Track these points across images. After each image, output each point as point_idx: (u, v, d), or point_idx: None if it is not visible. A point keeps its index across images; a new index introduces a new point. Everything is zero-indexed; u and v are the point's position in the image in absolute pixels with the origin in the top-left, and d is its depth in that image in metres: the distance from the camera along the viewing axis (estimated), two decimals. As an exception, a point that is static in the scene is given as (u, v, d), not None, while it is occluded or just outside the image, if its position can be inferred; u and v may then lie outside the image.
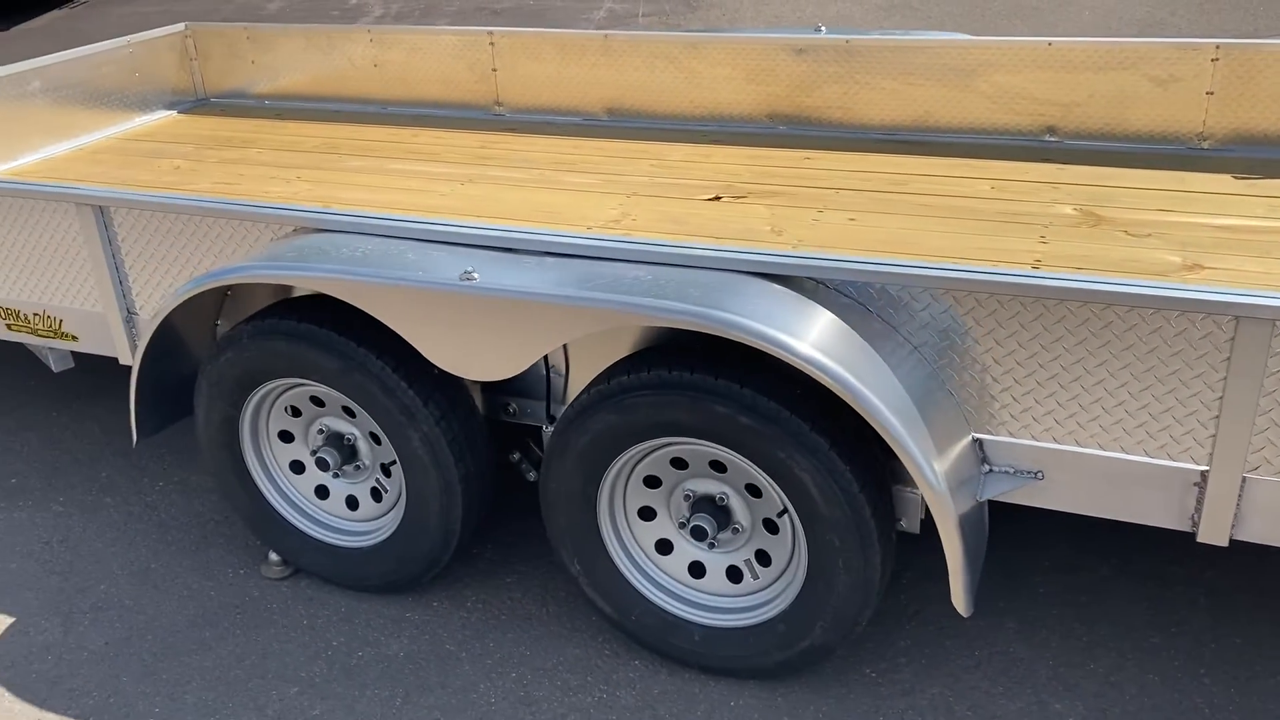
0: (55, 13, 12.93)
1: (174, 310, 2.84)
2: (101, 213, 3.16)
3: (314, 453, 2.91)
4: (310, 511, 2.98)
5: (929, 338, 2.32)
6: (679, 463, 2.49)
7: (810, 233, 3.56)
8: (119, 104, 5.33)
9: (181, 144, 5.11)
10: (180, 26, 5.66)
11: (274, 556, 3.07)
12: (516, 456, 2.88)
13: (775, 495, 2.41)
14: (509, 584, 2.99)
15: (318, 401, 2.85)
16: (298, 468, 2.98)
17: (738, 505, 2.49)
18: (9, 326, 3.54)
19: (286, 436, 2.95)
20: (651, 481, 2.54)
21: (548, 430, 2.80)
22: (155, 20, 12.75)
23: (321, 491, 2.97)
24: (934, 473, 2.16)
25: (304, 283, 2.58)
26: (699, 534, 2.46)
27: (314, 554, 2.97)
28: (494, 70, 5.11)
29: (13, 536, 3.32)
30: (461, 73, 5.19)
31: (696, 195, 4.02)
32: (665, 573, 2.61)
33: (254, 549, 3.19)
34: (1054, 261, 3.22)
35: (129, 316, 3.28)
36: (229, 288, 3.03)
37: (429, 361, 2.66)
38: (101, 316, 3.31)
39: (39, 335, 3.47)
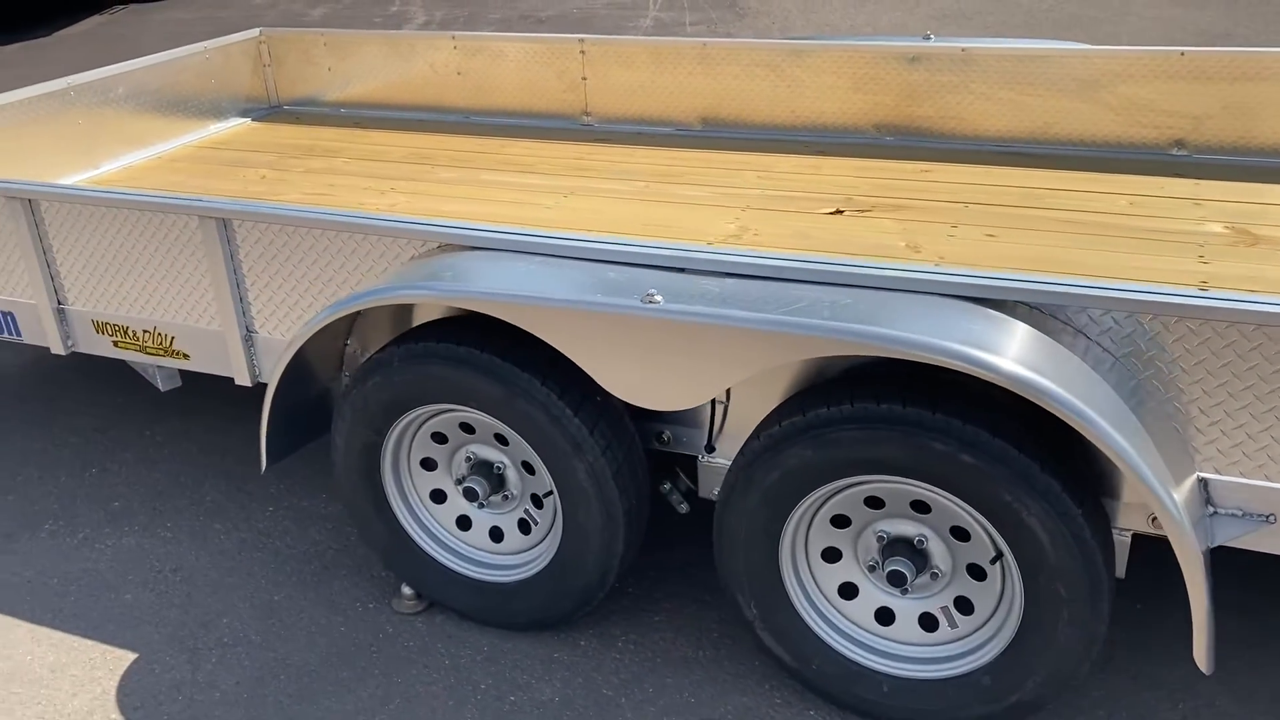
0: (96, 18, 12.80)
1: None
2: (225, 226, 2.98)
3: (459, 481, 2.72)
4: (451, 544, 2.79)
5: (1151, 370, 2.13)
6: (874, 502, 2.30)
7: (950, 249, 3.38)
8: (194, 111, 5.16)
9: (262, 152, 4.94)
10: (255, 32, 5.49)
11: (406, 590, 2.88)
12: (667, 487, 2.70)
13: (988, 539, 2.22)
14: (658, 623, 2.80)
15: (467, 428, 2.66)
16: (439, 497, 2.79)
17: (938, 549, 2.29)
18: (115, 344, 3.36)
19: (429, 464, 2.76)
20: (840, 521, 2.35)
21: (705, 460, 2.62)
22: (195, 26, 12.62)
23: (463, 522, 2.78)
24: (1181, 513, 1.97)
25: (471, 304, 2.39)
26: (896, 579, 2.26)
27: (454, 589, 2.78)
28: (584, 79, 4.93)
29: (124, 565, 3.14)
30: (550, 81, 5.01)
31: (815, 209, 3.83)
32: (850, 619, 2.42)
33: (381, 581, 3.01)
34: (1222, 282, 3.03)
35: (248, 335, 3.10)
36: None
37: (593, 388, 2.48)
38: (219, 335, 3.13)
39: (147, 353, 3.30)
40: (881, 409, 2.11)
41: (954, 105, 4.27)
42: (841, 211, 3.74)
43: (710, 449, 2.59)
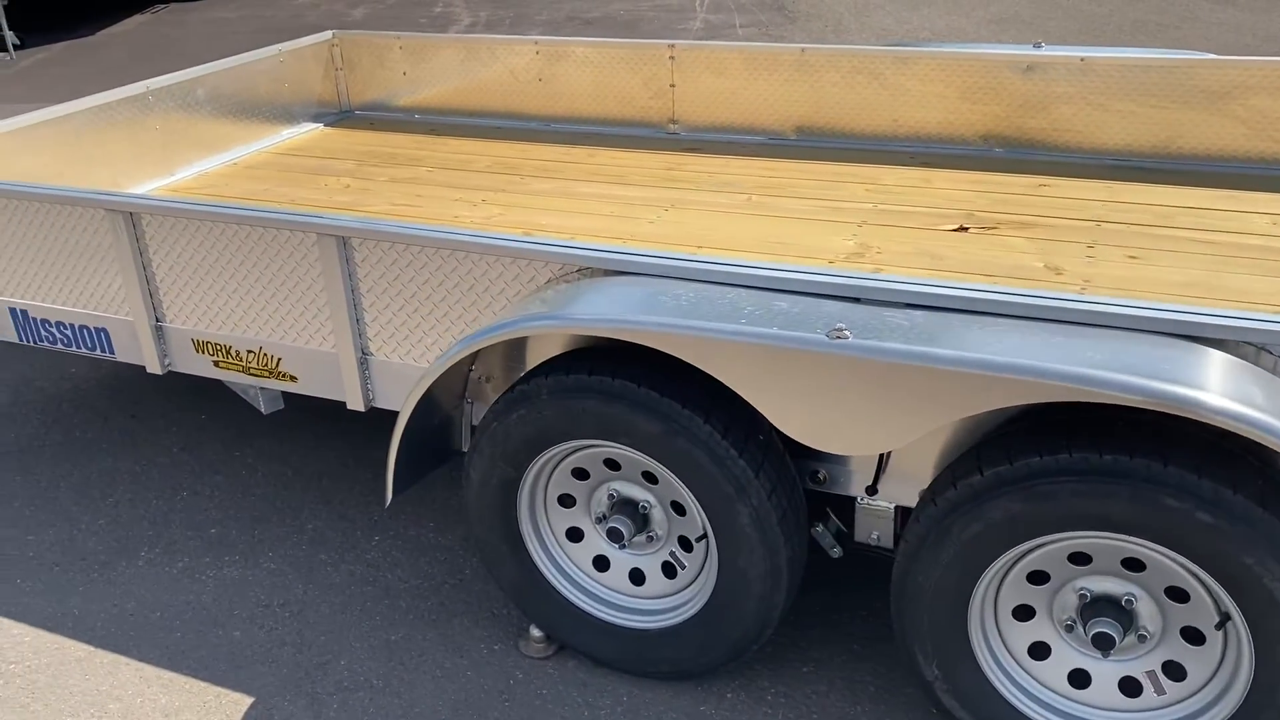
0: (138, 17, 12.67)
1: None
2: (344, 244, 2.80)
3: (599, 520, 2.53)
4: (587, 585, 2.60)
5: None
6: (1080, 558, 2.09)
7: (1095, 272, 3.17)
8: (267, 116, 4.98)
9: (340, 159, 4.75)
10: (327, 35, 5.30)
11: (535, 632, 2.69)
12: (819, 529, 2.50)
13: (1211, 602, 2.01)
14: (806, 674, 2.60)
15: (612, 464, 2.47)
16: (575, 535, 2.60)
17: (1147, 610, 2.09)
18: (216, 364, 3.18)
19: (567, 500, 2.57)
20: (1038, 577, 2.15)
21: (865, 503, 2.42)
22: (238, 25, 12.46)
23: (601, 563, 2.59)
24: None
25: (633, 335, 2.19)
26: (1103, 642, 2.06)
27: (591, 633, 2.59)
28: (672, 85, 4.73)
29: (229, 597, 2.96)
30: (636, 88, 4.82)
31: (936, 225, 3.62)
32: (1041, 682, 2.22)
33: (502, 620, 2.82)
34: None
35: (363, 358, 2.92)
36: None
37: (757, 426, 2.29)
38: (331, 357, 2.94)
39: (251, 374, 3.11)
40: (1105, 460, 1.90)
41: (1070, 117, 4.05)
42: (965, 229, 3.53)
43: (872, 491, 2.39)
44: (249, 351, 3.08)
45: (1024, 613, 2.20)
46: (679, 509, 2.45)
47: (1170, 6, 9.77)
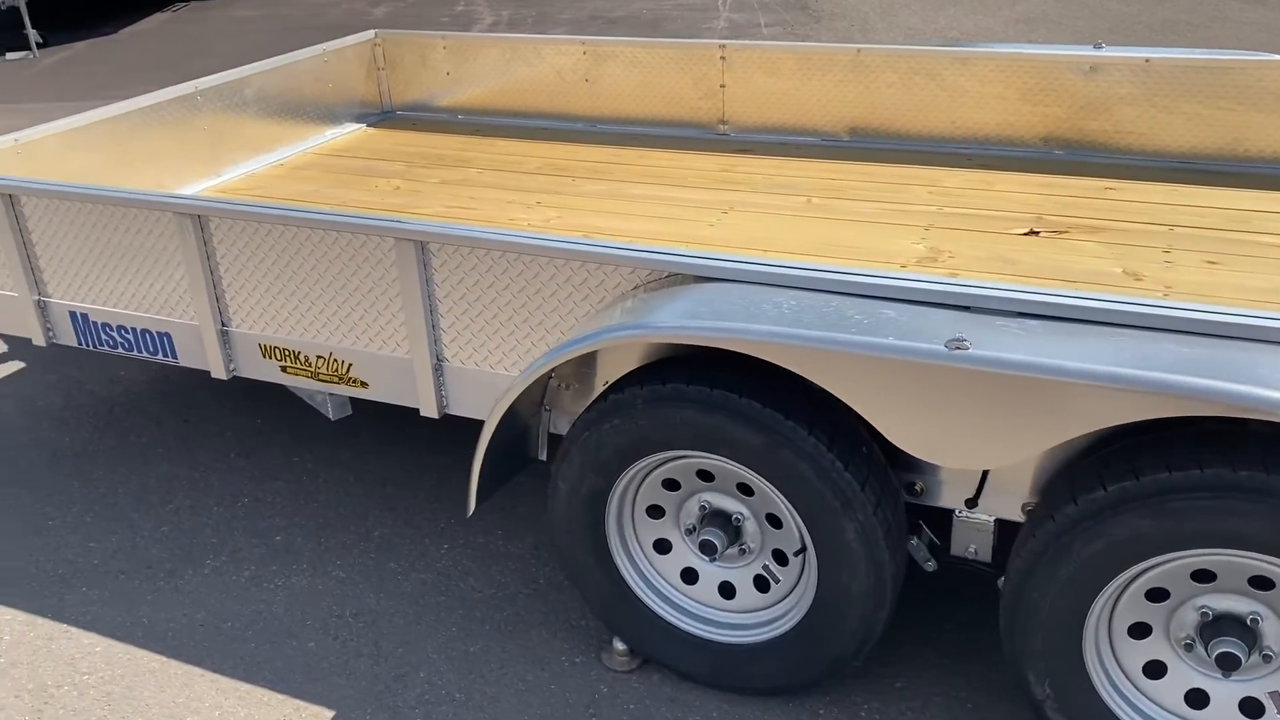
0: (159, 15, 12.61)
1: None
2: (422, 249, 2.74)
3: (689, 531, 2.47)
4: (675, 598, 2.54)
5: None
6: (1204, 575, 2.03)
7: (1174, 278, 3.10)
8: (311, 116, 4.92)
9: (388, 160, 4.69)
10: (369, 34, 5.24)
11: (619, 645, 2.63)
12: (914, 542, 2.43)
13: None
14: (901, 690, 2.53)
15: (704, 475, 2.41)
16: (663, 547, 2.54)
17: (1274, 629, 2.03)
18: (284, 369, 3.12)
19: (655, 511, 2.51)
20: (1157, 595, 2.09)
21: (963, 516, 2.36)
22: (258, 24, 12.40)
23: (689, 575, 2.53)
24: None
25: (744, 346, 2.13)
26: (1227, 662, 2.00)
27: (678, 647, 2.52)
28: (722, 86, 4.66)
29: (301, 608, 2.90)
30: (685, 88, 4.75)
31: (1006, 229, 3.55)
32: (1157, 703, 2.15)
33: (581, 631, 2.76)
34: None
35: (438, 365, 2.86)
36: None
37: (861, 438, 2.23)
38: (405, 363, 2.88)
39: (320, 380, 3.05)
40: (1240, 476, 1.84)
41: (1133, 119, 3.98)
42: (1036, 233, 3.46)
43: (972, 504, 2.33)
44: (319, 357, 3.02)
45: (1140, 630, 2.13)
46: (774, 521, 2.39)
47: (1199, 6, 9.69)
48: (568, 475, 2.44)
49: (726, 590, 2.50)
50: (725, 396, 2.21)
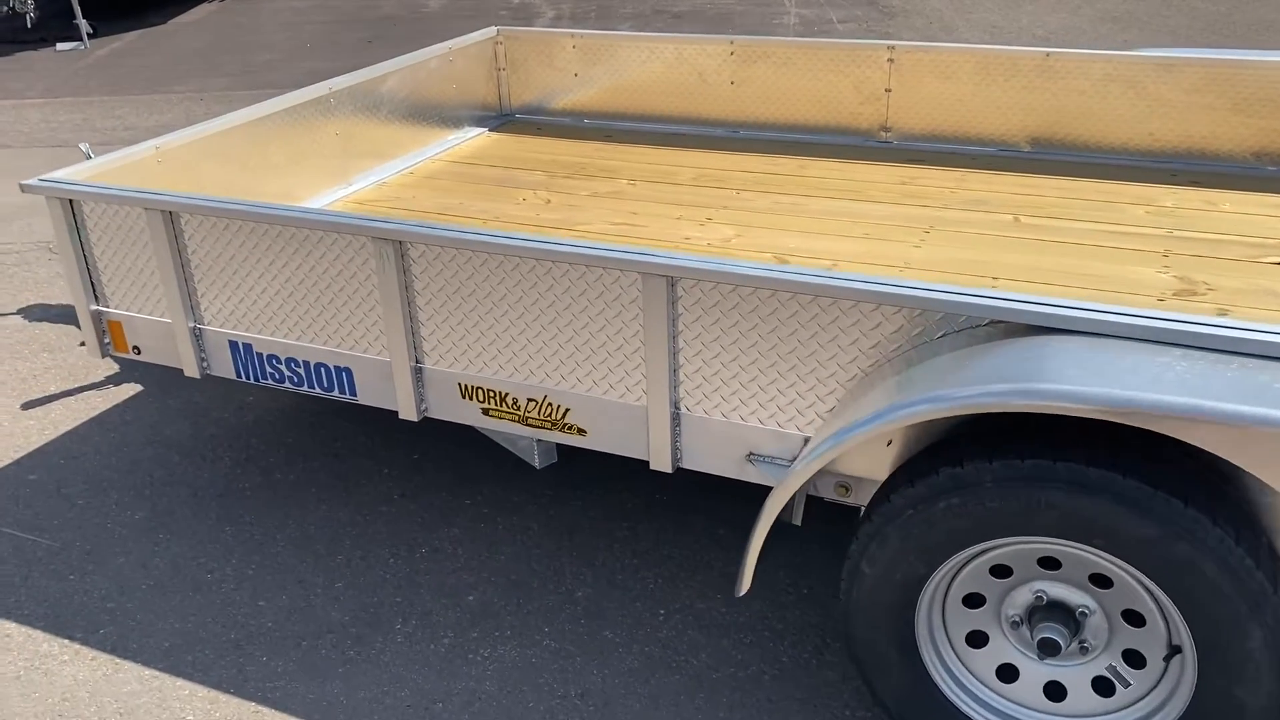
0: (207, 5, 12.21)
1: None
2: (672, 286, 2.37)
3: (1014, 625, 2.11)
4: (988, 698, 2.16)
5: None
6: (1049, 562, 1.71)
7: None
8: (434, 119, 4.54)
9: (525, 169, 4.31)
10: (491, 31, 4.85)
11: (908, 743, 2.28)
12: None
13: None
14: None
15: (1048, 562, 2.05)
16: (978, 640, 2.17)
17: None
18: (486, 412, 2.75)
19: (975, 600, 2.15)
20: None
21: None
22: (310, 15, 11.98)
23: (1007, 673, 2.17)
24: None
25: (1144, 419, 1.76)
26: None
27: (989, 751, 2.18)
28: (887, 90, 4.29)
29: (517, 686, 2.53)
30: (845, 92, 4.37)
31: (1255, 256, 3.16)
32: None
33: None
34: None
35: (676, 414, 2.49)
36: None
37: (1262, 530, 1.87)
38: (636, 410, 2.51)
39: (530, 425, 2.69)
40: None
41: (1365, 132, 3.62)
42: (1293, 261, 3.10)
43: None
44: (529, 400, 2.65)
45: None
46: (1133, 618, 2.02)
47: (1297, 6, 9.31)
48: (878, 558, 2.07)
49: (1054, 692, 2.14)
50: (1106, 478, 1.84)
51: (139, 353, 3.16)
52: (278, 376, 2.96)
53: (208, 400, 3.86)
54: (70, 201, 3.02)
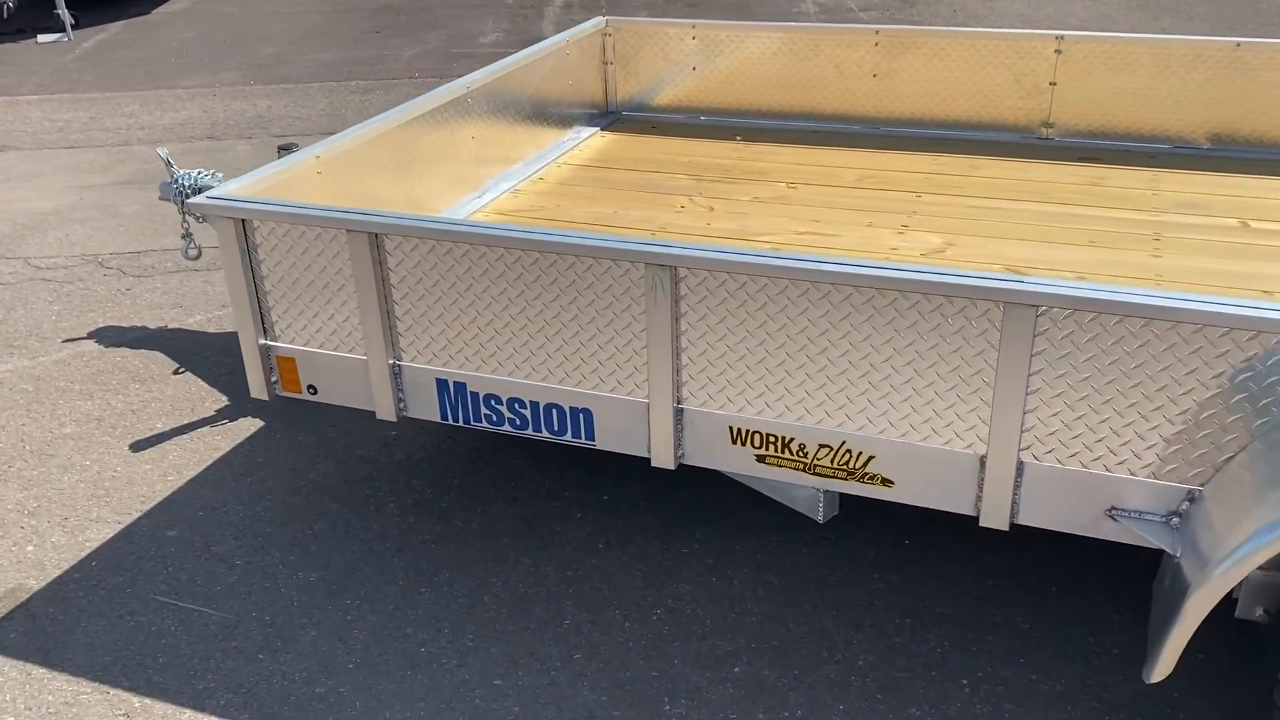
0: (190, -6, 11.56)
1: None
2: (1035, 317, 2.04)
3: None
4: None
5: None
6: None
7: None
8: (548, 118, 4.15)
9: (663, 172, 3.93)
10: (599, 22, 4.46)
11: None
12: None
13: None
14: None
15: None
16: None
17: None
18: (762, 459, 2.40)
19: None
20: None
21: None
22: (304, 4, 11.37)
23: None
24: None
25: None
26: None
27: None
28: (1052, 84, 3.99)
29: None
30: (1005, 85, 4.07)
31: None
32: None
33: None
34: None
35: (1019, 464, 2.17)
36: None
37: None
38: (966, 460, 2.19)
39: (818, 474, 2.35)
40: None
41: None
42: None
43: None
44: (822, 446, 2.30)
45: None
46: None
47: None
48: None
49: None
50: None
51: (314, 392, 2.75)
52: (495, 419, 2.58)
53: (344, 436, 3.44)
54: (243, 222, 2.60)
